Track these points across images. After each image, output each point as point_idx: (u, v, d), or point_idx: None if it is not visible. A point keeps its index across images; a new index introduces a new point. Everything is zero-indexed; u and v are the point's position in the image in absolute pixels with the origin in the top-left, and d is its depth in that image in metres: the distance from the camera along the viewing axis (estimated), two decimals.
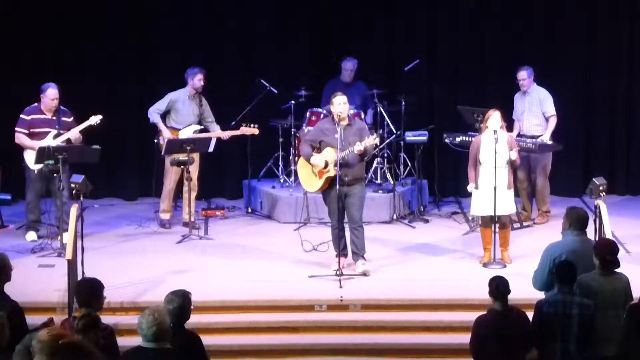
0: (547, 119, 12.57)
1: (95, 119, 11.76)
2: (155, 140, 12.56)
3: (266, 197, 13.26)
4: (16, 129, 11.77)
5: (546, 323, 7.83)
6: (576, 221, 8.51)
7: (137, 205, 13.76)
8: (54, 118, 11.76)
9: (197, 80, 12.42)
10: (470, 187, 10.99)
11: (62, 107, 11.81)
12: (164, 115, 12.52)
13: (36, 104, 11.82)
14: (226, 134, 12.51)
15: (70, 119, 11.86)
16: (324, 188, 10.64)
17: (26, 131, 11.73)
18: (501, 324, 7.76)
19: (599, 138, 14.30)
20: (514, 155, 10.92)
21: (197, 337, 7.43)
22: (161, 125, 12.44)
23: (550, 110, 12.54)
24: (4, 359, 6.81)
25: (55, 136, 11.68)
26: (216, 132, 12.51)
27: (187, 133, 12.44)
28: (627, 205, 13.71)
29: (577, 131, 13.97)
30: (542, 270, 8.36)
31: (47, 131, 11.72)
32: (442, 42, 14.19)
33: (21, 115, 11.80)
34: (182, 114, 12.48)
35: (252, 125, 12.47)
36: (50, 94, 11.70)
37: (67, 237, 9.91)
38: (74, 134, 11.70)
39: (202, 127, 12.54)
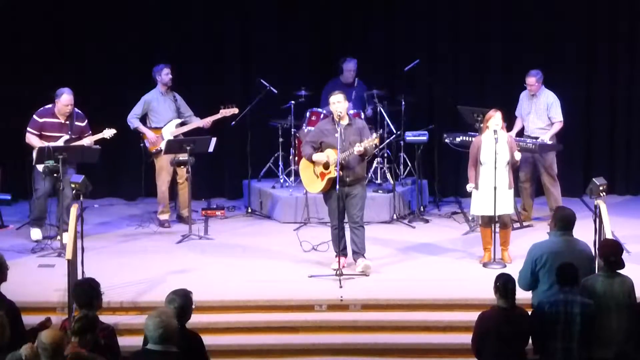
0: (552, 123, 12.55)
1: (109, 133, 11.79)
2: (141, 145, 12.59)
3: (266, 197, 13.26)
4: (28, 128, 11.68)
5: (548, 323, 7.83)
6: (559, 221, 8.53)
7: (137, 205, 13.76)
8: (67, 122, 11.71)
9: (164, 75, 12.51)
10: (469, 187, 10.99)
11: (76, 110, 11.75)
12: (144, 120, 12.58)
13: (50, 105, 11.74)
14: (207, 121, 12.53)
15: (84, 123, 11.82)
16: (326, 189, 10.64)
17: (37, 132, 11.66)
18: (504, 321, 7.76)
19: (599, 138, 14.30)
20: (518, 156, 10.93)
21: (197, 337, 7.44)
22: (142, 128, 12.51)
23: (558, 116, 12.51)
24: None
25: (67, 142, 11.64)
26: (196, 122, 12.55)
27: (169, 129, 12.50)
28: (627, 205, 13.71)
29: (577, 131, 13.96)
30: (525, 270, 8.39)
31: (58, 135, 11.67)
32: (442, 42, 14.19)
33: (34, 116, 11.72)
34: (159, 113, 12.54)
35: (230, 105, 12.52)
36: (65, 99, 11.62)
37: (67, 237, 9.90)
38: (86, 144, 11.67)
39: (183, 120, 12.58)
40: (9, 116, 12.18)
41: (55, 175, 11.11)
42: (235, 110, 12.60)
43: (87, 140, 11.70)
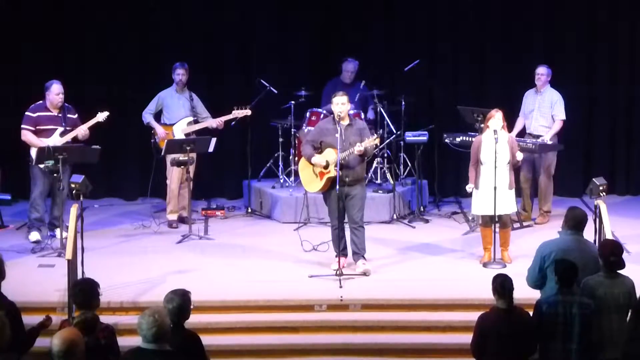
0: (554, 121, 12.55)
1: (102, 116, 11.79)
2: (152, 140, 12.61)
3: (266, 197, 13.26)
4: (22, 126, 11.67)
5: (547, 323, 7.82)
6: (570, 220, 8.52)
7: (137, 205, 13.77)
8: (60, 115, 11.71)
9: (175, 75, 12.61)
10: (468, 188, 11.00)
11: (66, 104, 11.79)
12: (158, 116, 12.61)
13: (41, 101, 11.75)
14: (219, 121, 12.53)
15: (75, 116, 11.84)
16: (325, 189, 10.64)
17: (32, 128, 11.65)
18: (504, 322, 7.74)
19: (599, 138, 14.31)
20: (520, 156, 10.94)
21: (196, 337, 7.43)
22: (153, 124, 12.55)
23: (561, 114, 12.53)
24: None
25: (62, 133, 11.64)
26: (208, 122, 12.56)
27: (180, 126, 12.52)
28: (627, 205, 13.71)
29: (577, 131, 13.96)
30: (534, 267, 8.40)
31: (53, 128, 11.67)
32: (442, 42, 14.19)
33: (27, 113, 11.72)
34: (172, 109, 12.58)
35: (243, 107, 12.52)
36: (55, 89, 11.64)
37: (65, 235, 9.90)
38: (82, 131, 11.69)
39: (195, 118, 12.58)
40: (8, 116, 12.17)
41: (55, 175, 11.11)
42: (248, 112, 12.58)
43: (83, 128, 11.67)
